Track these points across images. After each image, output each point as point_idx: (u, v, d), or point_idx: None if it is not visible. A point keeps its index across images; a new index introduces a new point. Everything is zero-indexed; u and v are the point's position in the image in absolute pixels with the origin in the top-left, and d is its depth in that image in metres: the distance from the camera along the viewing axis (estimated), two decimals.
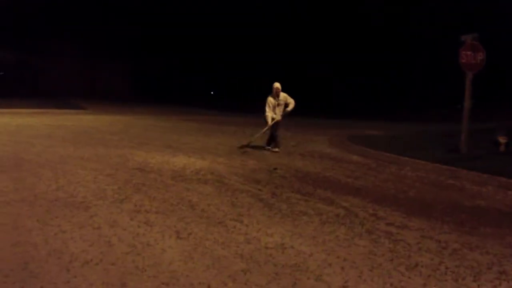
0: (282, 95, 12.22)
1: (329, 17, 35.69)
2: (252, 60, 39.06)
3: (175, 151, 11.32)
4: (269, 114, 12.13)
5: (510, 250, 5.02)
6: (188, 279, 3.97)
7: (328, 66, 36.09)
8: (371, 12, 32.15)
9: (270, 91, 12.13)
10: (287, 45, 37.70)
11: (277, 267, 4.29)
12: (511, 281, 4.22)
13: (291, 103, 12.18)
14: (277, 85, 12.13)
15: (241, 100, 37.14)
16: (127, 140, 13.09)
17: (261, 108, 12.24)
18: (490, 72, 14.75)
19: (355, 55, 35.00)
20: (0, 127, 15.22)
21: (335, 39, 35.47)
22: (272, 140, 12.49)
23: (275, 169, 9.47)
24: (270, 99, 12.17)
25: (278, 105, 12.21)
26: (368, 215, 6.24)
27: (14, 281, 3.83)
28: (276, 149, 12.22)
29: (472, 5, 25.73)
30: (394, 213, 6.41)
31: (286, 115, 12.40)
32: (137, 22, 37.79)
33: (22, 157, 9.38)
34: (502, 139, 11.48)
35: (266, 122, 12.21)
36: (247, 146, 12.62)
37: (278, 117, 12.28)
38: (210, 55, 41.09)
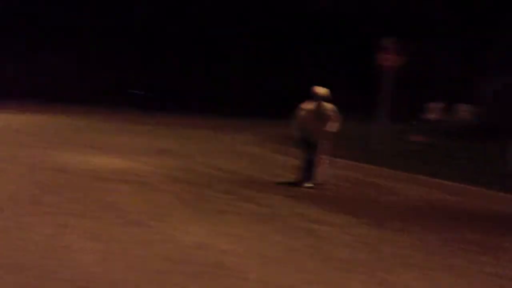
0: (329, 106, 8.26)
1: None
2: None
3: (94, 151, 10.99)
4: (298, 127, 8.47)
5: (419, 243, 5.32)
6: (106, 281, 3.88)
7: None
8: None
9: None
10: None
11: (197, 266, 4.28)
12: (420, 272, 4.46)
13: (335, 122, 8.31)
14: (320, 89, 8.19)
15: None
16: (45, 140, 12.55)
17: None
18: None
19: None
20: None
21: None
22: (306, 170, 8.28)
23: (198, 168, 9.46)
24: (307, 106, 8.34)
25: (318, 116, 8.21)
26: (289, 212, 6.38)
27: None
28: (309, 184, 8.10)
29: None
30: (314, 210, 6.59)
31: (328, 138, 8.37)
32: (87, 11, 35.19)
33: None
34: (416, 138, 12.07)
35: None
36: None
37: (316, 135, 8.26)
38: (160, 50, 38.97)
